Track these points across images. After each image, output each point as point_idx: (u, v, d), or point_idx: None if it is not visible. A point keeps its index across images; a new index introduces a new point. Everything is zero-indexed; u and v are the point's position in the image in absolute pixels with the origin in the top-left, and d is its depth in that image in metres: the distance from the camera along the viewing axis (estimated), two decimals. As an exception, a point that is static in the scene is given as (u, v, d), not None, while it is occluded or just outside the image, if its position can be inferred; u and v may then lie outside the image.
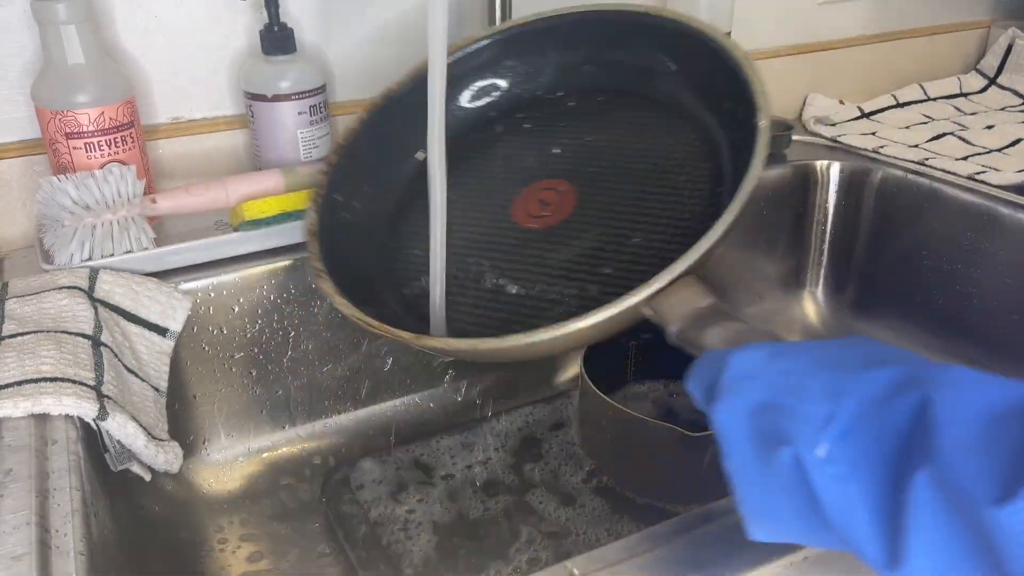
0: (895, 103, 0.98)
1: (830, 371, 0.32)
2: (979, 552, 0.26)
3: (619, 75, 0.64)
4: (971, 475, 0.26)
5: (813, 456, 0.30)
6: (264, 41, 0.66)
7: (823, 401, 0.31)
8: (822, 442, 0.30)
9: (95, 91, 0.59)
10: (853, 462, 0.30)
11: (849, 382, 0.31)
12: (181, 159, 0.70)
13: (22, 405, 0.44)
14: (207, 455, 0.65)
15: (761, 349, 0.35)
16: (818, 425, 0.30)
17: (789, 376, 0.33)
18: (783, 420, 0.32)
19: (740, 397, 0.34)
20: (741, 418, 0.33)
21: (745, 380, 0.34)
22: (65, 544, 0.37)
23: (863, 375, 0.31)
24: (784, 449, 0.31)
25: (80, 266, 0.57)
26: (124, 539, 0.48)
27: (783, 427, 0.32)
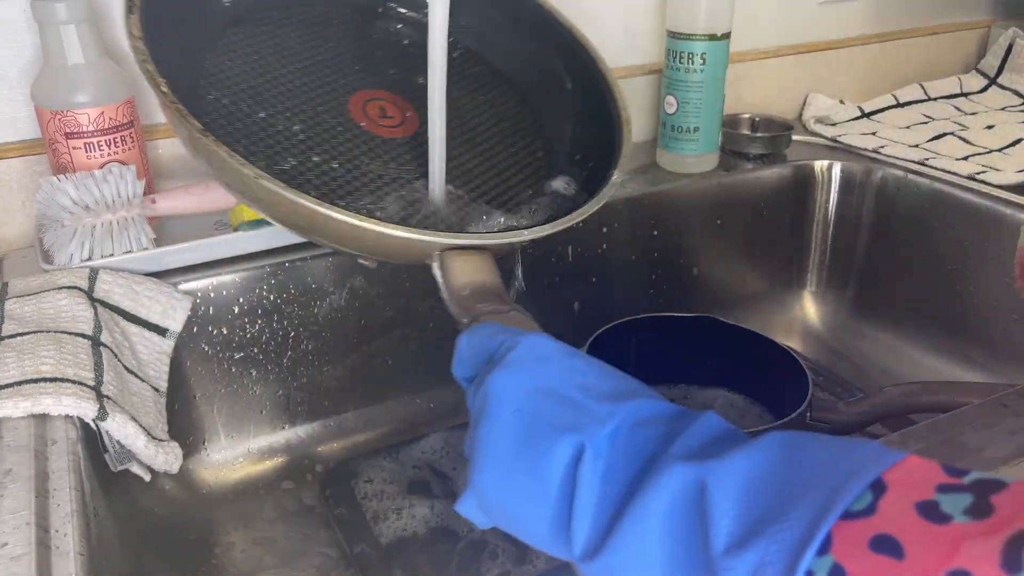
0: (895, 103, 0.98)
1: (614, 382, 0.35)
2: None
3: (511, 60, 0.65)
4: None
5: (593, 448, 0.31)
6: (264, 41, 0.65)
7: (606, 405, 0.33)
8: (602, 438, 0.32)
9: (95, 91, 0.59)
10: (616, 464, 0.31)
11: (627, 399, 0.33)
12: (181, 159, 0.70)
13: (22, 405, 0.44)
14: (207, 455, 0.65)
15: (555, 343, 0.37)
16: (600, 423, 0.32)
17: (580, 374, 0.35)
18: (570, 410, 0.33)
19: (527, 374, 0.35)
20: (521, 393, 0.34)
21: (537, 361, 0.35)
22: (65, 544, 0.37)
23: (637, 398, 0.33)
24: (568, 436, 0.32)
25: (80, 266, 0.57)
26: (124, 539, 0.48)
27: (570, 416, 0.33)
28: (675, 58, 0.78)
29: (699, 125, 0.80)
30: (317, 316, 0.66)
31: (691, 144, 0.80)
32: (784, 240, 0.87)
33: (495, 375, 0.35)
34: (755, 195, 0.84)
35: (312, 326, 0.66)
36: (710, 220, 0.82)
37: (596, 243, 0.76)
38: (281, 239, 0.64)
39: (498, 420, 0.34)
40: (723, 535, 0.27)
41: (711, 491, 0.27)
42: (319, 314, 0.66)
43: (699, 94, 0.78)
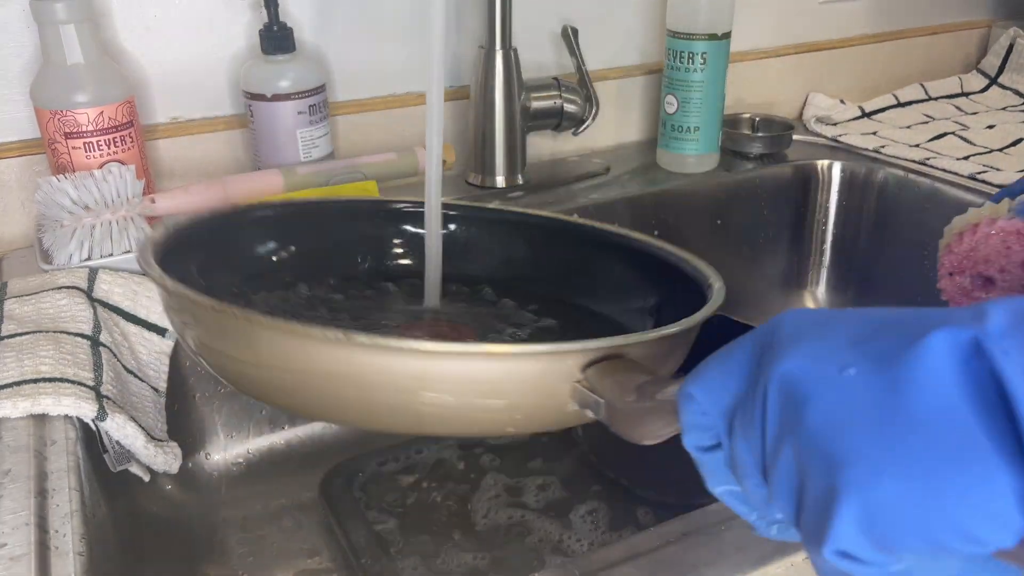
0: (896, 103, 0.98)
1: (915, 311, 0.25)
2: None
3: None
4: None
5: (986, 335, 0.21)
6: (263, 41, 0.65)
7: (957, 312, 0.23)
8: (996, 327, 0.22)
9: (94, 91, 0.59)
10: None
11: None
12: (180, 159, 0.70)
13: (21, 405, 0.43)
14: (206, 456, 0.65)
15: (808, 312, 0.27)
16: (973, 318, 0.22)
17: (875, 313, 0.25)
18: (920, 323, 0.23)
19: (817, 335, 0.25)
20: (829, 352, 0.24)
21: (814, 324, 0.26)
22: (64, 545, 0.37)
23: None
24: (944, 330, 0.22)
25: (79, 266, 0.56)
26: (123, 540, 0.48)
27: (914, 325, 0.23)
28: (676, 58, 0.78)
29: (699, 125, 0.80)
30: (317, 316, 0.66)
31: (691, 144, 0.80)
32: (784, 240, 0.87)
33: (779, 362, 0.25)
34: (755, 195, 0.84)
35: (312, 326, 0.66)
36: (710, 220, 0.82)
37: (596, 243, 0.76)
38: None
39: (832, 394, 0.24)
40: None
41: None
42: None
43: (700, 94, 0.78)
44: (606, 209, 0.76)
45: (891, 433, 0.22)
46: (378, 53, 0.75)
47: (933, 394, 0.22)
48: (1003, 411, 0.21)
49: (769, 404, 0.25)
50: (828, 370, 0.24)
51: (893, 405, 0.22)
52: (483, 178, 0.77)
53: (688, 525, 0.40)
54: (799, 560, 0.38)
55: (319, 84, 0.68)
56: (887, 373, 0.23)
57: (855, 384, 0.23)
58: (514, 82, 0.74)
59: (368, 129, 0.76)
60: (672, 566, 0.38)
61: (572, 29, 0.79)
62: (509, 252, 0.60)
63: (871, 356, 0.24)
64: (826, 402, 0.24)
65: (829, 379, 0.24)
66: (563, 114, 0.78)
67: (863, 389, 0.23)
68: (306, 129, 0.67)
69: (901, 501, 0.22)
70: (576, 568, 0.38)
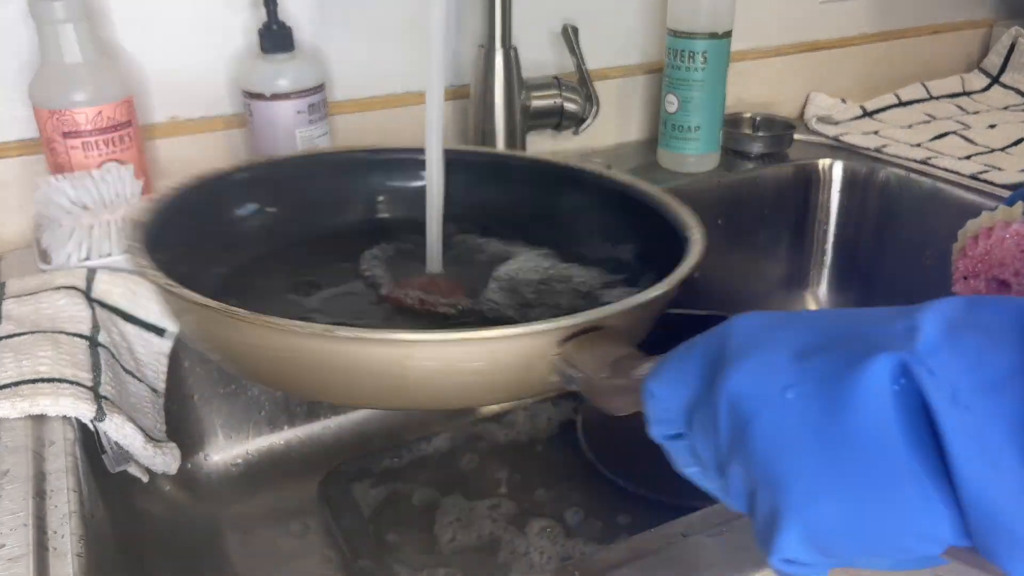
0: (897, 102, 0.98)
1: (871, 312, 0.26)
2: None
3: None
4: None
5: (918, 362, 0.22)
6: (262, 40, 0.65)
7: (896, 321, 0.24)
8: (925, 345, 0.22)
9: (93, 90, 0.59)
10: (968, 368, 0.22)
11: (914, 312, 0.24)
12: (179, 158, 0.70)
13: (19, 406, 0.43)
14: (205, 456, 0.65)
15: (763, 312, 0.28)
16: (904, 336, 0.23)
17: (825, 320, 0.26)
18: (856, 342, 0.24)
19: (768, 349, 0.26)
20: (777, 370, 0.25)
21: (766, 332, 0.27)
22: (62, 545, 0.37)
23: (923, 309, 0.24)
24: (878, 357, 0.23)
25: (78, 266, 0.56)
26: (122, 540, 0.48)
27: (857, 347, 0.24)
28: (676, 57, 0.78)
29: (700, 124, 0.79)
30: (316, 316, 0.66)
31: (692, 143, 0.80)
32: (786, 240, 0.87)
33: (727, 377, 0.26)
34: (756, 194, 0.83)
35: (311, 326, 0.66)
36: (711, 220, 0.82)
37: (597, 243, 0.76)
38: (280, 239, 0.63)
39: (772, 415, 0.25)
40: None
41: None
42: (318, 314, 0.66)
43: (700, 93, 0.78)
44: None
45: (828, 456, 0.24)
46: (378, 52, 0.75)
47: (868, 418, 0.23)
48: (931, 431, 0.22)
49: (720, 418, 0.26)
50: (770, 390, 0.25)
51: (830, 429, 0.23)
52: (483, 178, 0.77)
53: (688, 525, 0.40)
54: (801, 561, 0.37)
55: (318, 83, 0.67)
56: (826, 396, 0.24)
57: (794, 406, 0.24)
58: (514, 81, 0.74)
59: (367, 129, 0.76)
60: (672, 566, 0.37)
61: (572, 28, 0.78)
62: (501, 195, 0.62)
63: (812, 376, 0.25)
64: (767, 424, 0.25)
65: (770, 400, 0.25)
66: (563, 113, 0.78)
67: (802, 411, 0.24)
68: (305, 128, 0.67)
69: (837, 520, 0.23)
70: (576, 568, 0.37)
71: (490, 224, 0.60)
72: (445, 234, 0.54)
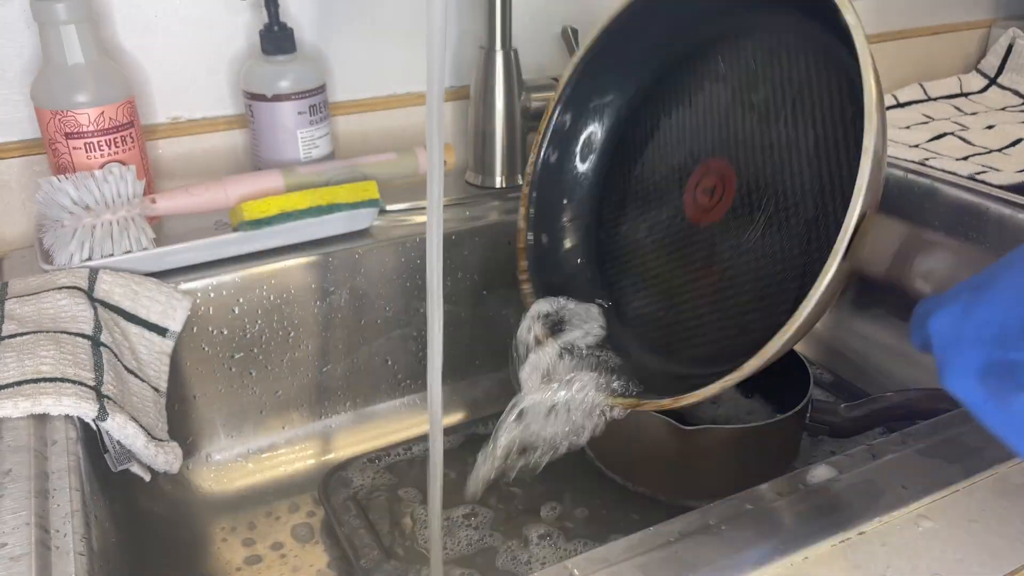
0: (895, 103, 0.98)
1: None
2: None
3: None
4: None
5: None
6: (264, 41, 0.65)
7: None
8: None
9: (95, 91, 0.59)
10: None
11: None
12: (181, 159, 0.70)
13: (22, 405, 0.43)
14: (207, 456, 0.65)
15: (957, 302, 0.35)
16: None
17: (993, 327, 0.33)
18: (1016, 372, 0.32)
19: (956, 368, 0.34)
20: (972, 383, 0.34)
21: (950, 347, 0.34)
22: (65, 544, 0.37)
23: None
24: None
25: (80, 266, 0.56)
26: (124, 539, 0.48)
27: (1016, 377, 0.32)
28: (675, 58, 0.78)
29: (699, 125, 0.80)
30: (317, 316, 0.66)
31: (691, 144, 0.80)
32: (784, 240, 0.87)
33: (945, 382, 0.35)
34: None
35: (312, 326, 0.66)
36: (710, 220, 0.82)
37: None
38: (281, 239, 0.64)
39: (983, 414, 0.34)
40: None
41: None
42: (319, 314, 0.66)
43: (699, 94, 0.78)
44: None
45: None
46: (378, 53, 0.75)
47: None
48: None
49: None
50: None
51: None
52: (483, 178, 0.77)
53: (688, 525, 0.40)
54: (799, 560, 0.38)
55: (319, 84, 0.68)
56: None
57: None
58: (514, 82, 0.74)
59: (368, 129, 0.76)
60: (672, 566, 0.38)
61: (572, 29, 0.79)
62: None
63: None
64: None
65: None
66: (563, 114, 0.78)
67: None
68: (306, 129, 0.67)
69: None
70: (576, 568, 0.38)
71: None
72: None
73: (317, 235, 0.65)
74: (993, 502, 0.41)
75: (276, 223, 0.62)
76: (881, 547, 0.38)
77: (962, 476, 0.42)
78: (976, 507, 0.41)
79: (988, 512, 0.40)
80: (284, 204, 0.62)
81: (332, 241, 0.66)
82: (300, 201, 0.63)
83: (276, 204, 0.62)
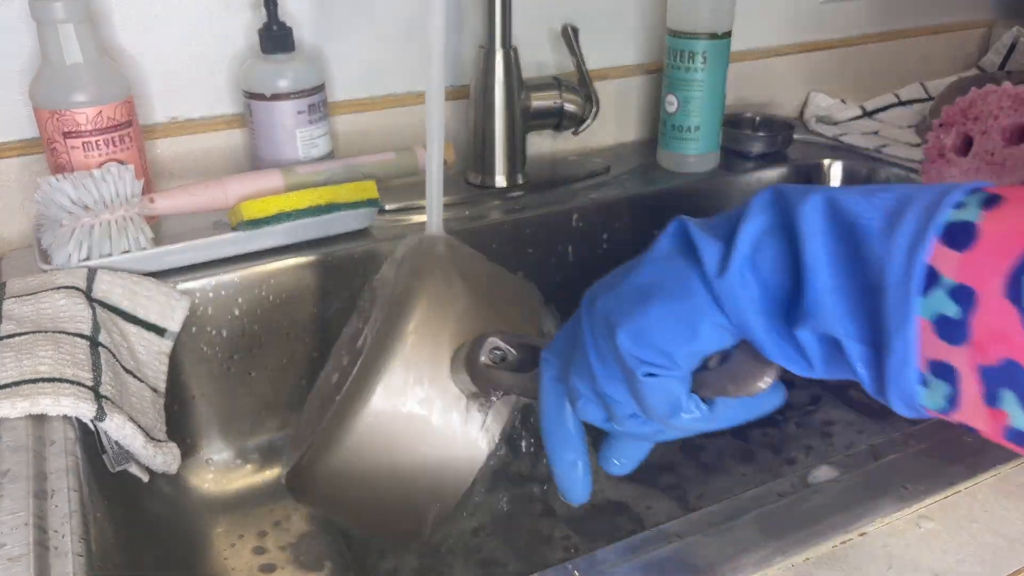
0: (897, 102, 0.98)
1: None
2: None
3: None
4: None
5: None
6: (263, 40, 0.65)
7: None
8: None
9: (93, 90, 0.59)
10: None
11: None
12: (179, 158, 0.70)
13: (20, 405, 0.43)
14: (205, 456, 0.65)
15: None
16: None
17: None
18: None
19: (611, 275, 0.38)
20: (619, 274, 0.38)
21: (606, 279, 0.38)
22: (63, 545, 0.37)
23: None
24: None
25: (78, 266, 0.56)
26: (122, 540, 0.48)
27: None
28: (676, 57, 0.78)
29: (700, 124, 0.79)
30: (316, 316, 0.66)
31: (692, 143, 0.80)
32: (785, 239, 0.87)
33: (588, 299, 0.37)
34: (756, 194, 0.83)
35: (311, 326, 0.66)
36: (711, 219, 0.82)
37: (596, 243, 0.76)
38: (280, 239, 0.64)
39: (606, 292, 0.36)
40: (875, 220, 0.27)
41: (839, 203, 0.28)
42: (318, 314, 0.66)
43: (700, 93, 0.78)
44: (606, 209, 0.76)
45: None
46: (378, 53, 0.75)
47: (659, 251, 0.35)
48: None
49: (583, 318, 0.36)
50: (608, 282, 0.37)
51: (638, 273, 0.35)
52: (483, 178, 0.77)
53: (688, 525, 0.40)
54: (800, 561, 0.38)
55: (318, 83, 0.67)
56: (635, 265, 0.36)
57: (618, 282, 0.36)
58: (514, 81, 0.74)
59: (368, 129, 0.76)
60: (672, 566, 0.37)
61: (572, 28, 0.79)
62: None
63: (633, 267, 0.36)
64: (604, 296, 0.35)
65: (606, 285, 0.36)
66: (563, 113, 0.78)
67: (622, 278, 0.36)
68: (305, 128, 0.67)
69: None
70: (576, 568, 0.37)
71: None
72: None
73: (316, 235, 0.65)
74: (994, 503, 0.41)
75: (275, 223, 0.62)
76: (882, 548, 0.38)
77: (963, 476, 0.42)
78: (977, 508, 0.41)
79: (989, 513, 0.40)
80: (283, 204, 0.62)
81: (331, 241, 0.66)
82: (299, 201, 0.63)
83: (275, 204, 0.62)
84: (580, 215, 0.74)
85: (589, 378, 0.35)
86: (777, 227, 0.30)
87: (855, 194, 0.28)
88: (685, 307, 0.31)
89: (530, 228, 0.72)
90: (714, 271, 0.31)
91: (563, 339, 0.38)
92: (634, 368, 0.32)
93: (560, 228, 0.74)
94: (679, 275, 0.32)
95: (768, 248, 0.30)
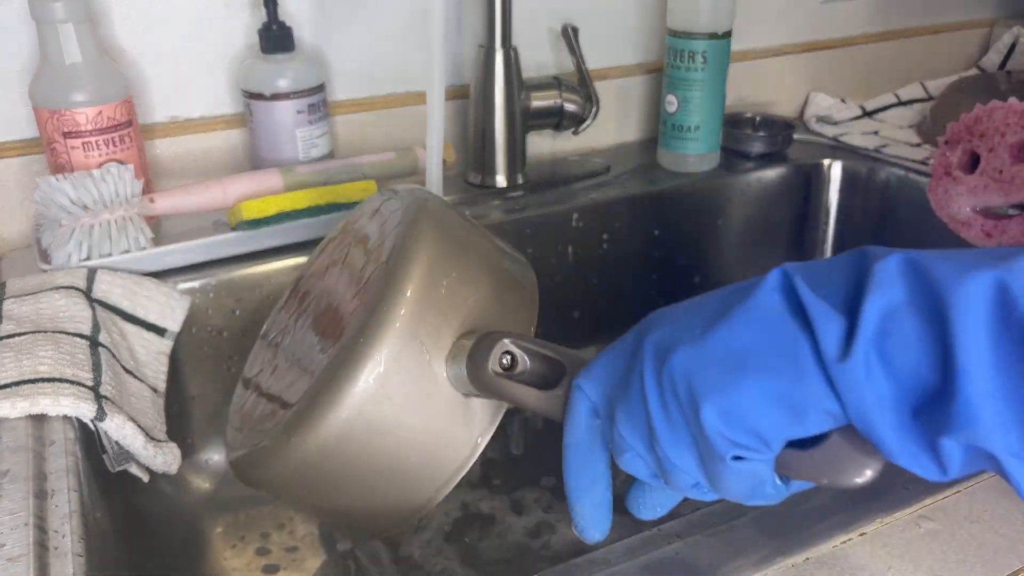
0: (897, 102, 0.98)
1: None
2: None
3: None
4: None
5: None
6: (263, 40, 0.65)
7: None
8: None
9: (93, 90, 0.59)
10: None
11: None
12: (179, 158, 0.70)
13: (20, 405, 0.43)
14: (205, 456, 0.65)
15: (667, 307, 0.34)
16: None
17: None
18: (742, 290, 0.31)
19: (680, 314, 0.33)
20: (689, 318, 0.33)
21: (673, 310, 0.33)
22: (63, 545, 0.37)
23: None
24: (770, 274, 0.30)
25: (78, 266, 0.56)
26: (122, 540, 0.48)
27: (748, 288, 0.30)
28: (676, 57, 0.78)
29: (700, 124, 0.79)
30: (317, 316, 0.66)
31: (692, 143, 0.80)
32: (785, 240, 0.87)
33: (647, 338, 0.31)
34: (756, 195, 0.83)
35: (311, 326, 0.66)
36: (711, 220, 0.82)
37: (596, 243, 0.76)
38: (280, 239, 0.64)
39: (687, 347, 0.30)
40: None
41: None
42: (319, 314, 0.66)
43: (700, 93, 0.78)
44: (606, 209, 0.76)
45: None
46: (378, 53, 0.75)
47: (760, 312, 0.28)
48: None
49: (644, 369, 0.31)
50: (684, 329, 0.30)
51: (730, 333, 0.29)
52: (483, 177, 0.77)
53: (688, 525, 0.40)
54: (800, 561, 0.38)
55: (318, 83, 0.67)
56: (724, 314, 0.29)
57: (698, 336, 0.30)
58: (514, 81, 0.74)
59: (368, 129, 0.76)
60: (672, 566, 0.37)
61: (572, 28, 0.78)
62: None
63: (711, 307, 0.31)
64: (685, 352, 0.29)
65: (684, 334, 0.30)
66: (563, 113, 0.78)
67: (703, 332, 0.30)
68: (305, 128, 0.67)
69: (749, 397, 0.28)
70: (576, 568, 0.37)
71: None
72: None
73: (316, 235, 0.65)
74: (994, 503, 0.41)
75: (275, 223, 0.62)
76: (882, 548, 0.38)
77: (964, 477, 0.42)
78: (977, 508, 0.41)
79: (989, 513, 0.40)
80: (283, 204, 0.62)
81: (331, 241, 0.66)
82: (299, 201, 0.63)
83: (275, 204, 0.62)
84: (580, 215, 0.74)
85: (647, 436, 0.31)
86: (912, 306, 0.25)
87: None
88: (793, 389, 0.27)
89: (530, 228, 0.72)
90: (834, 354, 0.26)
91: (606, 370, 0.33)
92: (723, 451, 0.28)
93: (560, 228, 0.74)
94: (786, 347, 0.27)
95: (901, 332, 0.25)
